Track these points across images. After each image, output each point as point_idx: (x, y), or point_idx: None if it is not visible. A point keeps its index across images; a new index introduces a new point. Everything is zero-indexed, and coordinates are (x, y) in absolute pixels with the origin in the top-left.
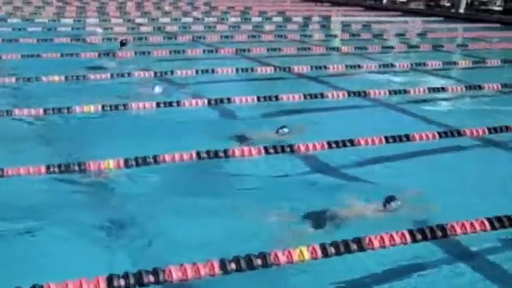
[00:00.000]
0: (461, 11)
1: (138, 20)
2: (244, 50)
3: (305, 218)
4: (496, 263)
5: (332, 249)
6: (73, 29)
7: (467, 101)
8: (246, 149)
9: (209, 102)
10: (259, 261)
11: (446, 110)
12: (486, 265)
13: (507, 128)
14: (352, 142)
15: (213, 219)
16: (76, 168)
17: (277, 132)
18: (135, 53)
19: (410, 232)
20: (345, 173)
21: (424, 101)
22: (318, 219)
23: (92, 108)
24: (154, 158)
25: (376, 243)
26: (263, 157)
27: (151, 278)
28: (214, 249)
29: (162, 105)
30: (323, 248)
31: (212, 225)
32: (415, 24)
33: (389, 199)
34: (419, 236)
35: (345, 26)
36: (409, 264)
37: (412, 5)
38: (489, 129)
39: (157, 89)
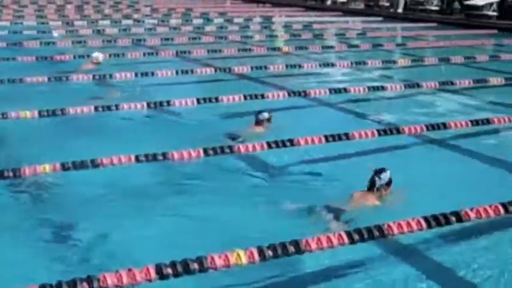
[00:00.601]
0: (400, 10)
1: (78, 23)
2: (184, 52)
3: (241, 220)
4: (435, 261)
5: (270, 252)
6: (9, 33)
7: (407, 99)
8: (185, 152)
9: (148, 105)
10: (195, 266)
11: (385, 108)
12: (423, 263)
13: (444, 125)
14: (292, 142)
15: (152, 222)
16: (11, 174)
17: (257, 120)
18: (74, 56)
19: (348, 233)
20: (286, 173)
21: (364, 99)
22: (258, 220)
23: (28, 114)
24: (92, 161)
25: (314, 245)
26: (203, 158)
27: (86, 286)
28: (152, 254)
29: (100, 108)
30: (260, 251)
31: (152, 228)
32: (355, 24)
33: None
34: (356, 237)
35: (286, 27)
36: (348, 265)
37: (352, 5)
38: (427, 126)
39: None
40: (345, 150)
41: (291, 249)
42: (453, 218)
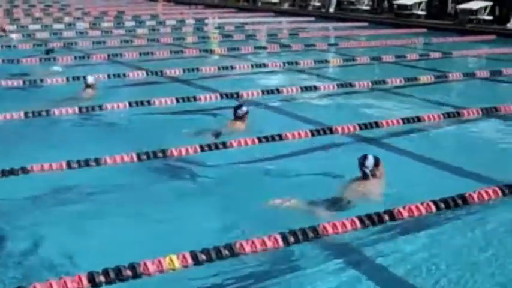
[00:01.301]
0: (332, 10)
1: (7, 27)
2: (116, 55)
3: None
4: (369, 259)
5: (203, 256)
6: None
7: (339, 99)
8: (117, 156)
9: (80, 110)
10: (128, 272)
11: (318, 108)
12: (357, 261)
13: (377, 124)
14: (224, 144)
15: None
16: None
17: (235, 113)
18: (3, 60)
19: (282, 235)
20: (216, 176)
21: (297, 99)
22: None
23: None
24: (22, 169)
25: (248, 248)
26: (128, 165)
27: None
28: (84, 261)
29: (30, 114)
30: (194, 255)
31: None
32: (287, 24)
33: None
34: (291, 239)
35: (219, 28)
36: (283, 266)
37: (285, 6)
38: (360, 126)
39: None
40: (278, 151)
41: (225, 252)
42: (386, 217)
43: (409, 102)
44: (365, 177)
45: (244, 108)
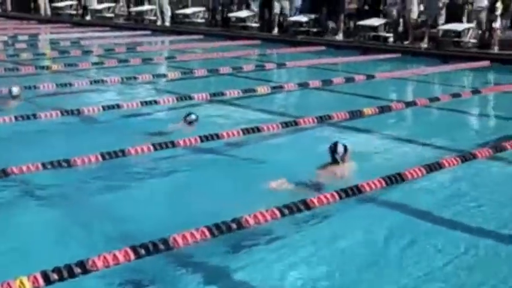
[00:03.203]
0: (167, 24)
1: None
2: None
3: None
4: (222, 270)
5: (55, 275)
6: None
7: (179, 112)
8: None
9: None
10: None
11: (159, 123)
12: (208, 273)
13: (217, 136)
14: (68, 162)
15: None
16: None
17: (185, 120)
18: None
19: (133, 248)
20: (60, 195)
21: (137, 114)
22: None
23: None
24: None
25: (100, 264)
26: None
27: None
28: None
29: None
30: (44, 275)
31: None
32: (124, 39)
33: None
34: (142, 252)
35: (54, 44)
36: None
37: (121, 20)
38: (201, 138)
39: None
40: (120, 168)
41: (77, 270)
42: (234, 225)
43: (248, 113)
44: (336, 162)
45: (193, 116)
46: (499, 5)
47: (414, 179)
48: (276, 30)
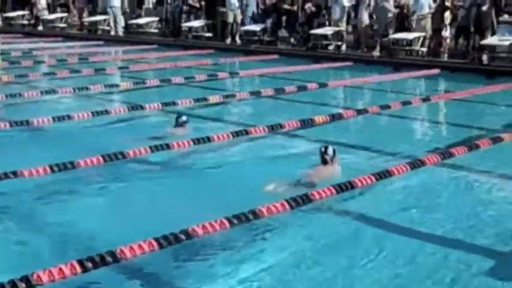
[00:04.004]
0: (121, 34)
1: None
2: None
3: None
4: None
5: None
6: None
7: (131, 122)
8: None
9: None
10: None
11: (110, 133)
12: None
13: (168, 146)
14: (15, 174)
15: None
16: None
17: (176, 122)
18: None
19: (80, 261)
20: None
21: (89, 126)
22: None
23: None
24: None
25: (45, 278)
26: None
27: None
28: None
29: None
30: None
31: None
32: (77, 49)
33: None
34: (89, 265)
35: (5, 54)
36: None
37: (73, 30)
38: (151, 148)
39: None
40: (70, 180)
41: (21, 285)
42: (183, 236)
43: (200, 122)
44: (325, 163)
45: (184, 117)
46: (447, 14)
47: (364, 186)
48: (229, 40)
